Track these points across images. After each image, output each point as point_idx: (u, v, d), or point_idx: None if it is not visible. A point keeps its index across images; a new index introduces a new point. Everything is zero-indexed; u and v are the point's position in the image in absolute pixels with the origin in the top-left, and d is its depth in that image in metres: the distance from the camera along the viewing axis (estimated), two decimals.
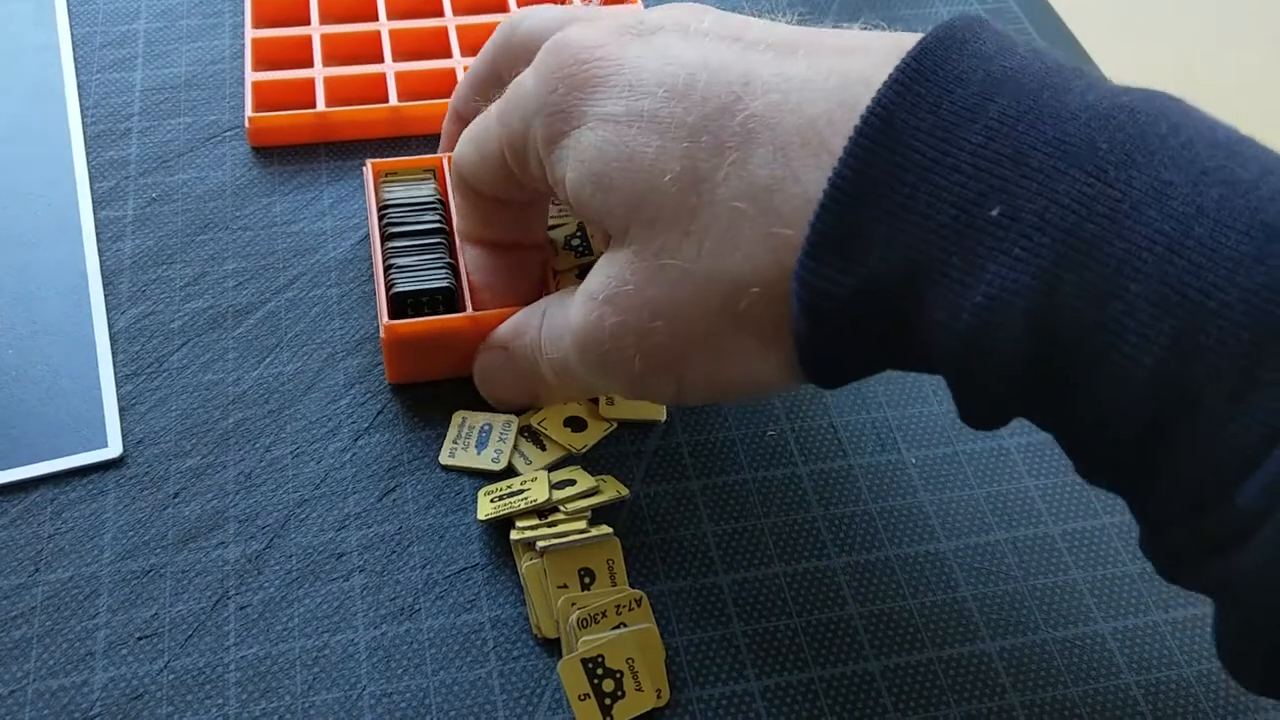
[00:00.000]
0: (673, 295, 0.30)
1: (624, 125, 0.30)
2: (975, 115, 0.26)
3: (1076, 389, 0.26)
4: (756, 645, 0.35)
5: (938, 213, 0.26)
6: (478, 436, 0.39)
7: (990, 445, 0.40)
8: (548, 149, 0.33)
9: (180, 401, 0.40)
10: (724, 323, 0.30)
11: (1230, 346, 0.24)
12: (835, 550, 0.37)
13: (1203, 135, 0.26)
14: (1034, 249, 0.25)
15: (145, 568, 0.36)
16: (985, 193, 0.26)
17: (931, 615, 0.36)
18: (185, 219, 0.45)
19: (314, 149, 0.48)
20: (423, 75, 0.50)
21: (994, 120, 0.26)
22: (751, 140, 0.29)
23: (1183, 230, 0.24)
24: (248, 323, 0.42)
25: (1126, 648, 0.36)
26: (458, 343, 0.39)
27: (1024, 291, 0.25)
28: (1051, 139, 0.26)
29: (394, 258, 0.40)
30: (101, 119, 0.49)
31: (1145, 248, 0.24)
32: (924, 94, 0.27)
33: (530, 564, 0.35)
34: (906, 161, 0.26)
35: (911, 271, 0.27)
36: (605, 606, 0.34)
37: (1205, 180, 0.25)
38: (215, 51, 0.52)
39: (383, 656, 0.34)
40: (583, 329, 0.33)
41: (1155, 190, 0.25)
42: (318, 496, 0.38)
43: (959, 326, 0.26)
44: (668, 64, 0.31)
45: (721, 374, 0.32)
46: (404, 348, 0.39)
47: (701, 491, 0.39)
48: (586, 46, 0.32)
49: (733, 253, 0.29)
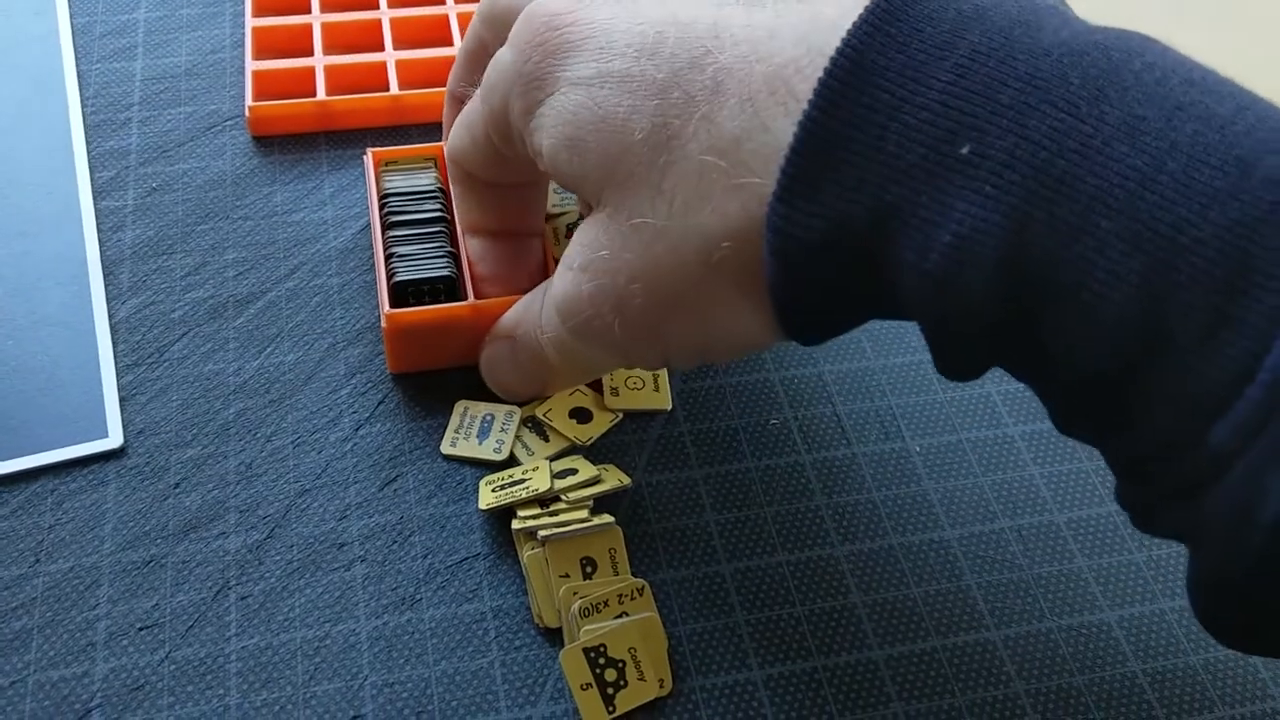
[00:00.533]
0: (647, 256, 0.30)
1: (596, 87, 0.30)
2: (945, 53, 0.26)
3: (1047, 330, 0.25)
4: (760, 634, 0.35)
5: (907, 152, 0.26)
6: (480, 426, 0.39)
7: (995, 434, 0.40)
8: (524, 119, 0.32)
9: (181, 392, 0.40)
10: (700, 280, 0.30)
11: (1202, 283, 0.23)
12: (839, 539, 0.37)
13: (1177, 72, 0.25)
14: (1004, 186, 0.25)
15: (146, 558, 0.36)
16: (955, 130, 0.25)
17: (936, 604, 0.36)
18: (186, 209, 0.45)
19: (314, 138, 0.48)
20: (424, 64, 0.50)
21: (964, 57, 0.26)
22: (720, 92, 0.28)
23: (1155, 166, 0.24)
24: (248, 313, 0.42)
25: (1132, 636, 0.35)
26: (459, 332, 0.39)
27: (994, 230, 0.25)
28: (1023, 75, 0.25)
29: (395, 246, 0.40)
30: (102, 108, 0.49)
31: (1117, 184, 0.24)
32: (893, 34, 0.26)
33: (532, 553, 0.35)
34: (875, 101, 0.26)
35: (881, 213, 0.26)
36: (607, 596, 0.34)
37: (1179, 116, 0.24)
38: (215, 40, 0.52)
39: (384, 646, 0.34)
40: (563, 298, 0.33)
41: (1128, 126, 0.24)
42: (319, 486, 0.38)
43: (929, 267, 0.26)
44: (638, 23, 0.30)
45: (704, 334, 0.31)
46: (405, 337, 0.39)
47: (704, 480, 0.38)
48: (558, 13, 0.31)
49: (704, 207, 0.29)
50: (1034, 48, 0.25)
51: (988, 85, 0.25)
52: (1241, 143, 0.24)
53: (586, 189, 0.31)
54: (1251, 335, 0.23)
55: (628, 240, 0.30)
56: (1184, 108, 0.24)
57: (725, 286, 0.30)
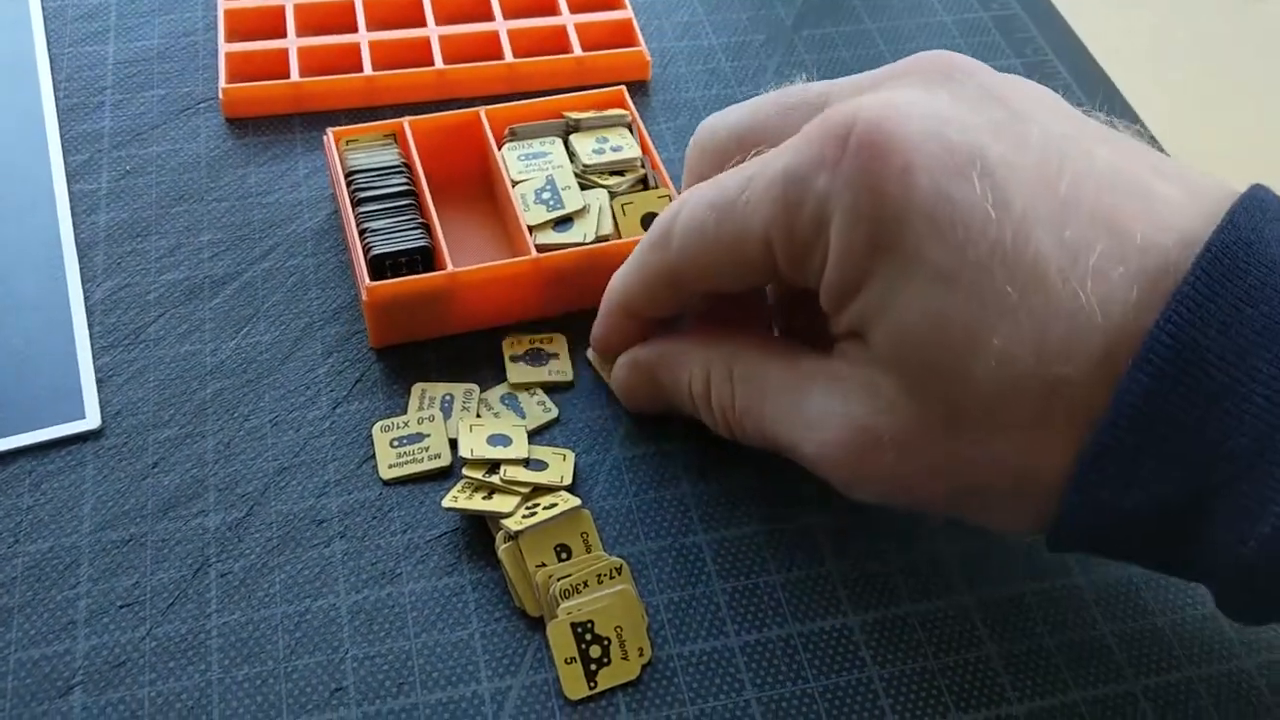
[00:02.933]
0: (955, 471, 0.30)
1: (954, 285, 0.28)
2: (1269, 340, 0.26)
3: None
4: (736, 602, 0.35)
5: (1230, 440, 0.26)
6: (440, 406, 0.39)
7: None
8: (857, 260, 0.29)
9: (158, 372, 0.40)
10: (988, 503, 0.31)
11: None
12: (815, 507, 0.38)
13: None
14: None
15: (125, 537, 0.36)
16: (1277, 425, 0.26)
17: (909, 570, 0.36)
18: (160, 191, 0.45)
19: (288, 120, 0.48)
20: (397, 44, 0.50)
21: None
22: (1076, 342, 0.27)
23: None
24: (224, 293, 0.42)
25: (1101, 599, 0.36)
26: (439, 301, 0.40)
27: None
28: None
29: (367, 222, 0.40)
30: (74, 92, 0.49)
31: None
32: (1216, 312, 0.26)
33: (505, 547, 0.35)
34: (1198, 385, 0.26)
35: (1200, 494, 0.27)
36: (586, 576, 0.34)
37: None
38: (188, 23, 0.52)
39: (364, 620, 0.34)
40: (840, 450, 0.32)
41: None
42: (297, 464, 0.38)
43: (1245, 552, 0.27)
44: None
45: (965, 519, 0.33)
46: (387, 309, 0.39)
47: (681, 453, 0.39)
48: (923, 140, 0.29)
49: (1028, 451, 0.29)
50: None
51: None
52: None
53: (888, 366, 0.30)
54: None
55: (938, 444, 0.30)
56: None
57: (1010, 512, 0.31)
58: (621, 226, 0.42)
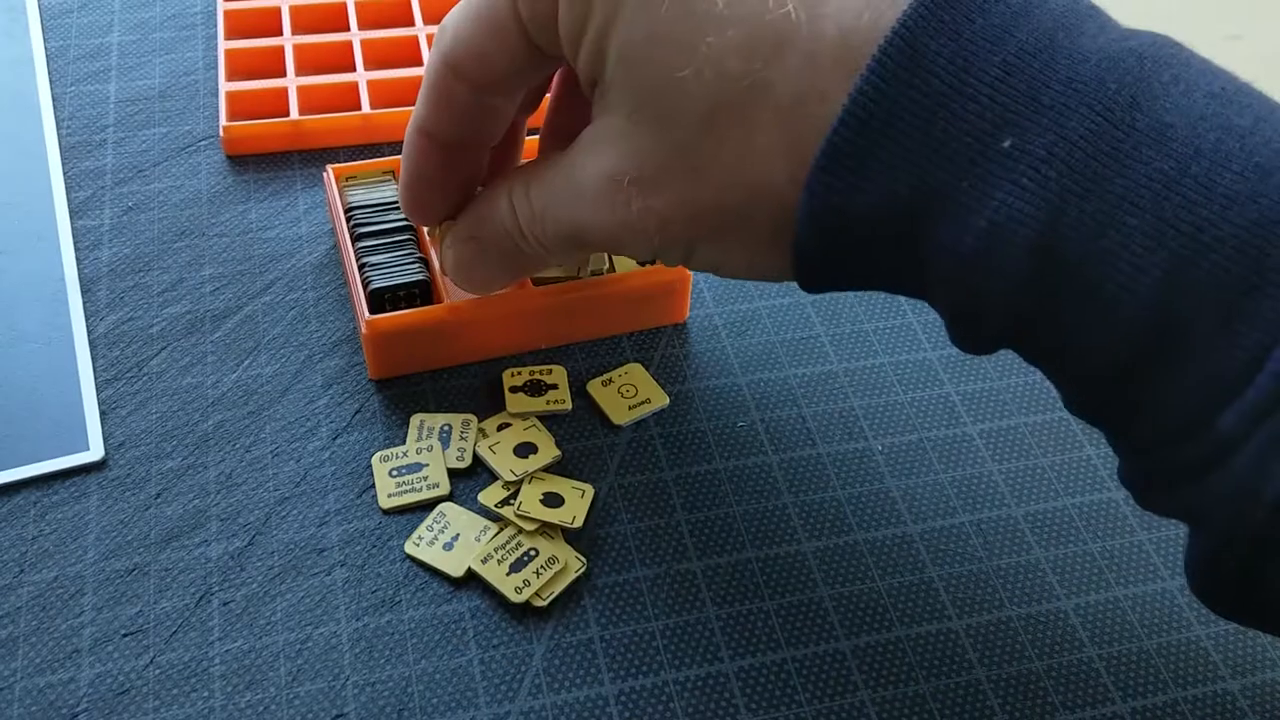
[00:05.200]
0: (693, 193, 0.31)
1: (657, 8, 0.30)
2: (994, 48, 0.27)
3: (1068, 319, 0.27)
4: (730, 628, 0.36)
5: (953, 140, 0.27)
6: (438, 436, 0.40)
7: (954, 433, 0.41)
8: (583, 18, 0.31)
9: (160, 405, 0.41)
10: (734, 225, 0.31)
11: (1220, 278, 0.25)
12: (805, 535, 0.38)
13: (1200, 85, 0.27)
14: (1041, 180, 0.26)
15: (129, 566, 0.36)
16: (999, 124, 0.27)
17: (899, 596, 0.37)
18: (162, 227, 0.46)
19: (288, 157, 0.49)
20: (394, 83, 0.51)
21: (1012, 55, 0.27)
22: (784, 47, 0.29)
23: (1180, 170, 0.26)
24: (225, 326, 0.43)
25: (1089, 623, 0.37)
26: (437, 333, 0.40)
27: (1028, 220, 0.26)
28: (1064, 78, 0.27)
29: (366, 256, 0.41)
30: (77, 130, 0.50)
31: (1144, 185, 0.26)
32: (946, 20, 0.27)
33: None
34: (926, 86, 0.27)
35: (921, 194, 0.28)
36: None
37: (1203, 125, 0.26)
38: (189, 63, 0.53)
39: (365, 647, 0.35)
40: (604, 209, 0.33)
41: (1156, 132, 0.26)
42: (298, 494, 0.39)
43: (962, 250, 0.27)
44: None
45: (724, 262, 0.33)
46: (386, 342, 0.40)
47: (675, 481, 0.40)
48: None
49: (752, 161, 0.30)
50: (1074, 51, 0.27)
51: (1031, 85, 0.27)
52: (1260, 151, 0.26)
53: (618, 95, 0.32)
54: (1264, 328, 0.25)
55: (674, 171, 0.31)
56: (1206, 118, 0.26)
57: (755, 234, 0.31)
58: (616, 261, 0.43)
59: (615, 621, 0.36)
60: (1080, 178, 0.26)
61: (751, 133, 0.29)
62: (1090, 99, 0.27)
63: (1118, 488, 0.40)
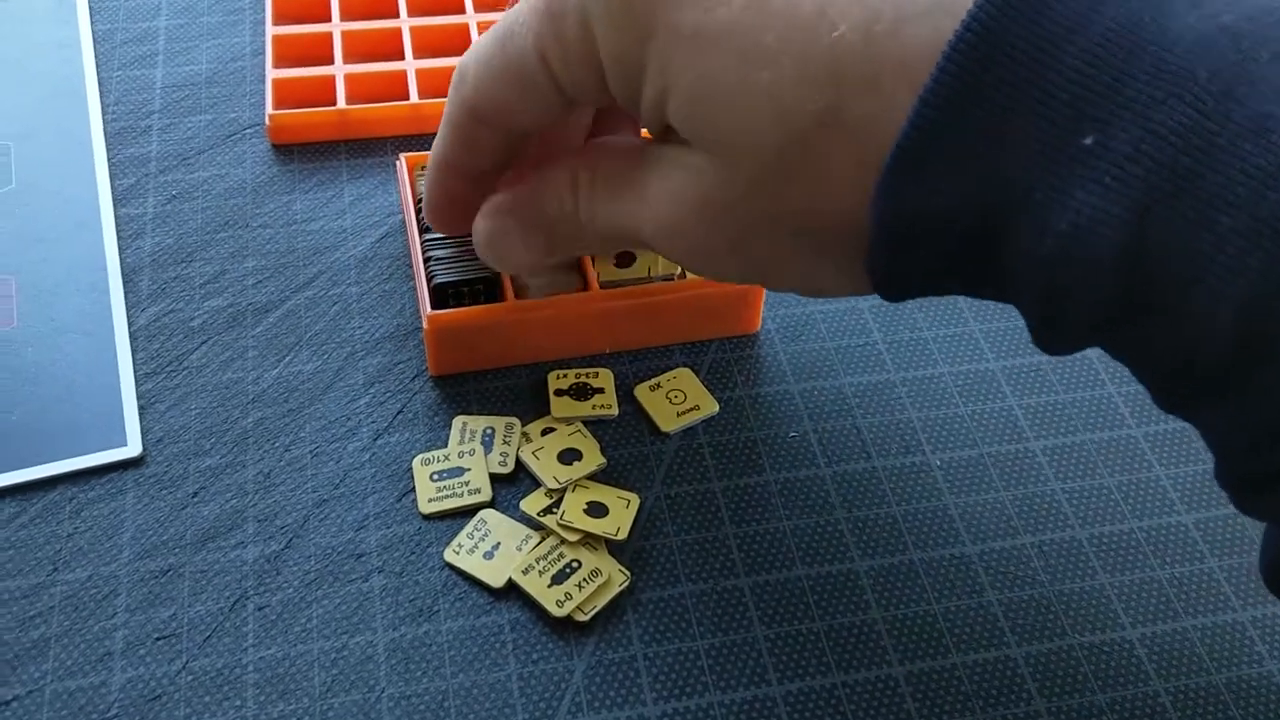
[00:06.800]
0: (767, 222, 0.30)
1: (714, 45, 0.29)
2: (1075, 36, 0.25)
3: (1159, 320, 0.25)
4: (779, 649, 0.35)
5: (1029, 137, 0.26)
6: (481, 440, 0.39)
7: (1016, 448, 0.40)
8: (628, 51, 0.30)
9: (200, 400, 0.40)
10: (809, 247, 0.30)
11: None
12: (858, 553, 0.37)
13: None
14: (1125, 179, 0.25)
15: (164, 567, 0.36)
16: (1079, 119, 0.25)
17: (956, 620, 0.36)
18: (205, 216, 0.45)
19: (334, 146, 0.48)
20: (443, 72, 0.50)
21: (1094, 43, 0.25)
22: (843, 71, 0.27)
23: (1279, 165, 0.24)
24: (267, 321, 0.42)
25: (1155, 654, 0.35)
26: (501, 331, 0.40)
27: (1112, 221, 0.25)
28: (1150, 67, 0.25)
29: (432, 250, 0.40)
30: (122, 116, 0.49)
31: (1239, 181, 0.24)
32: (1024, 7, 0.25)
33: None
34: (1000, 81, 0.25)
35: (997, 195, 0.26)
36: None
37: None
38: (236, 48, 0.52)
39: (401, 658, 0.34)
40: (671, 228, 0.32)
41: (1254, 123, 0.24)
42: (337, 496, 0.38)
43: (1043, 253, 0.26)
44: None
45: (793, 284, 0.32)
46: (447, 338, 0.39)
47: (723, 493, 0.38)
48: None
49: (828, 186, 0.28)
50: (1161, 36, 0.25)
51: (1115, 76, 0.25)
52: None
53: (690, 143, 0.31)
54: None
55: (746, 202, 0.30)
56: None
57: (829, 256, 0.30)
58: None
59: (659, 639, 0.35)
60: (1170, 175, 0.24)
61: (824, 159, 0.28)
62: (1180, 89, 0.25)
63: (1187, 511, 0.38)
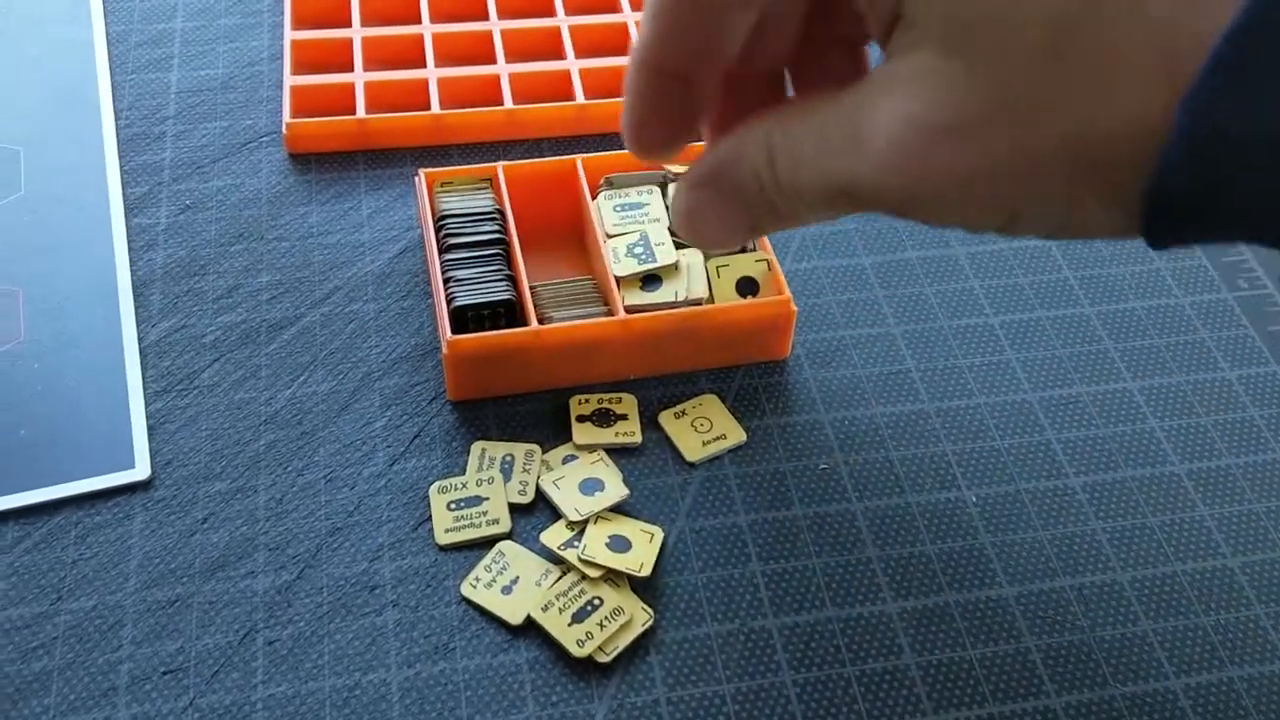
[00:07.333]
0: (1031, 139, 0.26)
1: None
2: None
3: None
4: (807, 695, 0.33)
5: None
6: (500, 468, 0.37)
7: (1055, 485, 0.38)
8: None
9: (210, 421, 0.38)
10: (1082, 174, 0.26)
11: None
12: (890, 594, 0.36)
13: None
14: None
15: (171, 597, 0.34)
16: None
17: (993, 667, 0.34)
18: (219, 228, 0.44)
19: (352, 157, 0.47)
20: (467, 81, 0.48)
21: None
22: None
23: None
24: (281, 338, 0.41)
25: (1200, 705, 0.34)
26: (521, 357, 0.38)
27: None
28: None
29: (452, 270, 0.39)
30: (136, 121, 0.48)
31: None
32: None
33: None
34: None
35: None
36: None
37: None
38: (253, 52, 0.51)
39: (416, 698, 0.33)
40: (897, 162, 0.28)
41: None
42: (351, 525, 0.36)
43: None
44: None
45: (1046, 225, 0.28)
46: (467, 364, 0.38)
47: (750, 527, 0.37)
48: None
49: (1117, 93, 0.25)
50: None
51: None
52: None
53: (931, 33, 0.27)
54: None
55: (1001, 119, 0.26)
56: None
57: (1106, 184, 0.26)
58: (716, 290, 0.40)
59: (683, 682, 0.33)
60: None
61: (1114, 58, 0.24)
62: None
63: (1233, 555, 0.37)
